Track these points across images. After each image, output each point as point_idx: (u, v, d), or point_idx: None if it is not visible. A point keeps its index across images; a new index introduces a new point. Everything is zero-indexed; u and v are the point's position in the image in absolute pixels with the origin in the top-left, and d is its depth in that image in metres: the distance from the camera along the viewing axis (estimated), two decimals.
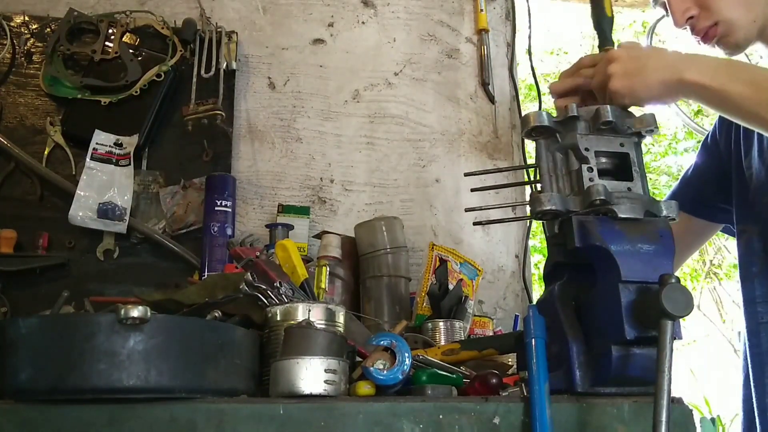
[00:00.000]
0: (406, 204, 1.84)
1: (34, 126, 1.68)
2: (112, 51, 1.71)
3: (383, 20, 1.96)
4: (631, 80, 0.97)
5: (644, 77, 0.97)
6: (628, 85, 0.97)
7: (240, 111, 1.82)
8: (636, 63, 0.98)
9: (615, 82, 0.98)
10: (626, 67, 0.98)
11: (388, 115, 1.90)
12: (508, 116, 1.96)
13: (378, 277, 1.50)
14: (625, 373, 0.80)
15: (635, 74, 0.98)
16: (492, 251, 1.85)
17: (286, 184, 1.80)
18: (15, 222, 1.59)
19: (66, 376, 0.69)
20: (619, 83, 0.98)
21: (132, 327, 0.70)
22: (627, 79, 0.98)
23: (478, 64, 1.97)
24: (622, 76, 0.98)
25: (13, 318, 1.44)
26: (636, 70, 0.98)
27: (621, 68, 0.98)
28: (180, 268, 1.63)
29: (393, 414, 0.76)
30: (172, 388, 0.72)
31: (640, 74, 0.98)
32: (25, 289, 1.56)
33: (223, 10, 1.87)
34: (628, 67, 0.98)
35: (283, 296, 0.97)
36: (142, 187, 1.68)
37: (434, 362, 0.96)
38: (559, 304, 0.87)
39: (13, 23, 1.74)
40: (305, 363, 0.78)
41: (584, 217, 0.87)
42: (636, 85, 0.97)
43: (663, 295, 0.74)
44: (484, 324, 1.55)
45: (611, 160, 0.94)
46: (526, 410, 0.78)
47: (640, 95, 0.98)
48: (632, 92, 0.97)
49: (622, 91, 0.97)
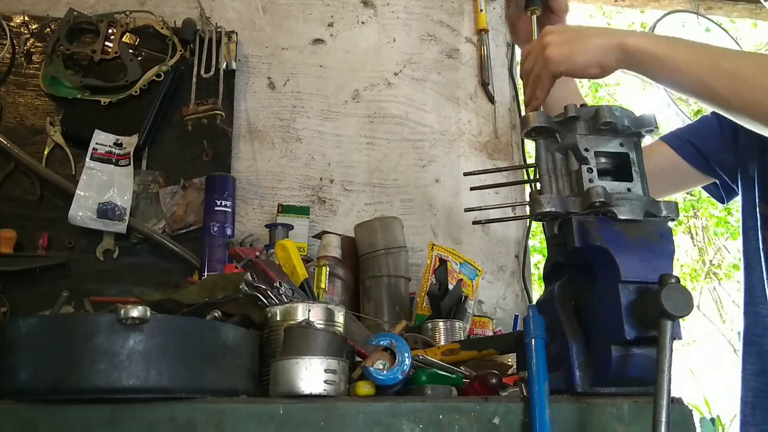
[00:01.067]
0: (406, 204, 1.84)
1: (34, 126, 1.68)
2: (111, 51, 1.71)
3: (383, 20, 1.96)
4: (568, 47, 0.96)
5: (582, 43, 0.96)
6: (564, 52, 0.96)
7: (240, 111, 1.82)
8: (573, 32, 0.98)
9: (551, 50, 0.97)
10: (562, 36, 0.98)
11: (387, 115, 1.90)
12: (507, 116, 1.96)
13: (378, 277, 1.50)
14: (625, 373, 0.80)
15: (572, 41, 0.96)
16: (492, 251, 1.85)
17: (285, 184, 1.80)
18: (15, 222, 1.59)
19: (66, 376, 0.69)
20: (555, 51, 0.96)
21: (132, 327, 0.70)
22: (564, 46, 0.96)
23: (478, 64, 1.97)
24: (559, 44, 0.97)
25: (12, 318, 1.44)
26: (573, 38, 0.97)
27: (557, 38, 0.97)
28: (180, 268, 1.63)
29: (393, 414, 0.76)
30: (171, 388, 0.72)
31: (577, 41, 0.96)
32: (25, 289, 1.56)
33: (222, 10, 1.87)
34: (564, 36, 0.98)
35: (282, 296, 0.97)
36: (141, 187, 1.68)
37: (434, 362, 0.96)
38: (558, 304, 0.87)
39: (13, 23, 1.74)
40: (305, 363, 0.78)
41: (584, 217, 0.87)
42: (573, 50, 0.96)
43: (663, 295, 0.74)
44: (484, 324, 1.55)
45: (611, 160, 0.93)
46: (525, 410, 0.78)
47: (577, 59, 0.96)
48: (569, 57, 0.96)
49: (557, 58, 0.96)
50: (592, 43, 0.96)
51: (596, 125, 0.93)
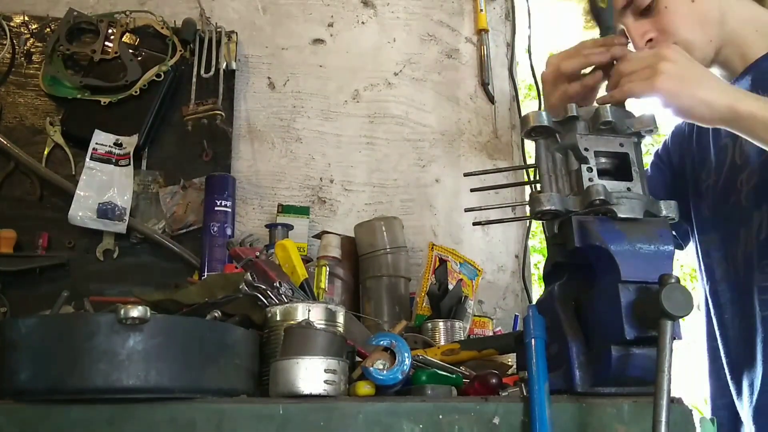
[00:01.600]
0: (405, 204, 1.84)
1: (34, 126, 1.69)
2: (111, 51, 1.71)
3: (383, 20, 1.96)
4: (681, 86, 0.94)
5: (696, 89, 0.94)
6: (676, 90, 0.94)
7: (240, 111, 1.82)
8: (692, 71, 0.95)
9: (665, 82, 0.94)
10: (681, 71, 0.94)
11: (387, 115, 1.90)
12: (507, 116, 1.96)
13: (378, 277, 1.50)
14: (625, 373, 0.80)
15: (688, 82, 0.94)
16: (492, 251, 1.85)
17: (285, 184, 1.80)
18: (15, 222, 1.59)
19: (66, 376, 0.69)
20: (669, 83, 0.94)
21: (132, 327, 0.69)
22: (678, 83, 0.94)
23: (478, 64, 1.97)
24: (675, 78, 0.94)
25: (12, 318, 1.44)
26: (691, 78, 0.95)
27: (675, 70, 0.94)
28: (180, 268, 1.63)
29: (393, 414, 0.76)
30: (171, 388, 0.72)
31: (692, 84, 0.94)
32: (25, 289, 1.56)
33: (222, 10, 1.87)
34: (683, 72, 0.95)
35: (282, 296, 0.97)
36: (141, 187, 1.68)
37: (434, 362, 0.96)
38: (558, 304, 0.87)
39: (13, 23, 1.74)
40: (305, 363, 0.78)
41: (584, 217, 0.87)
42: (684, 93, 0.94)
43: (663, 295, 0.74)
44: (484, 324, 1.55)
45: (611, 160, 0.93)
46: (525, 410, 0.78)
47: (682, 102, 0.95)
48: (677, 98, 0.94)
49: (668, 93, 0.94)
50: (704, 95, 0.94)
51: (596, 125, 0.93)
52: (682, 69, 0.95)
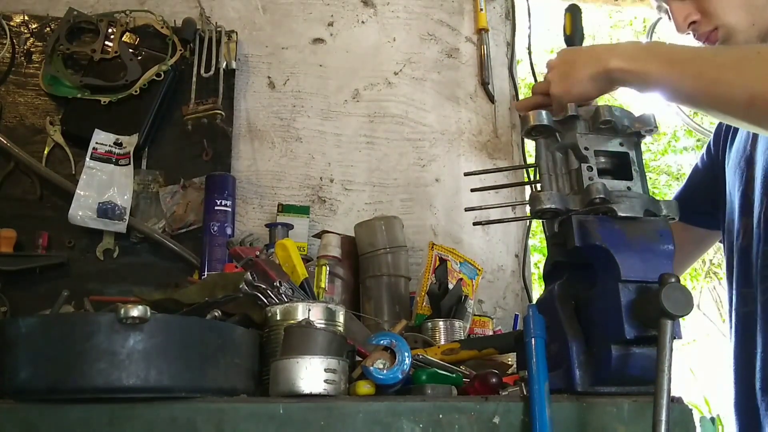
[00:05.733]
0: (405, 203, 1.84)
1: (34, 125, 1.68)
2: (111, 50, 1.71)
3: (383, 20, 1.96)
4: (566, 82, 1.02)
5: (576, 76, 1.01)
6: (564, 88, 1.01)
7: (240, 110, 1.82)
8: (567, 65, 1.03)
9: (553, 88, 1.03)
10: (560, 71, 1.03)
11: (387, 115, 1.90)
12: (507, 116, 1.96)
13: (378, 277, 1.50)
14: (625, 372, 0.80)
15: (568, 76, 1.02)
16: (492, 251, 1.85)
17: (285, 184, 1.80)
18: (15, 221, 1.59)
19: (66, 376, 0.69)
20: (556, 88, 1.02)
21: (132, 326, 0.70)
22: (563, 82, 1.02)
23: (478, 64, 1.97)
24: (558, 81, 1.02)
25: (12, 318, 1.44)
26: (567, 72, 1.02)
27: (556, 74, 1.03)
28: (180, 267, 1.63)
29: (393, 413, 0.76)
30: (172, 387, 0.72)
31: (571, 75, 1.01)
32: (25, 289, 1.56)
33: (222, 9, 1.87)
34: (561, 70, 1.03)
35: (282, 296, 0.97)
36: (141, 187, 1.68)
37: (434, 362, 0.96)
38: (558, 303, 0.87)
39: (13, 23, 1.74)
40: (305, 362, 0.78)
41: (584, 216, 0.87)
42: (571, 86, 1.01)
43: (663, 294, 0.74)
44: (484, 323, 1.55)
45: (611, 159, 0.94)
46: (525, 410, 0.78)
47: (576, 93, 1.00)
48: (569, 93, 1.01)
49: (560, 95, 1.01)
50: (583, 74, 1.00)
51: (596, 124, 0.93)
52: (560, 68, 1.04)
